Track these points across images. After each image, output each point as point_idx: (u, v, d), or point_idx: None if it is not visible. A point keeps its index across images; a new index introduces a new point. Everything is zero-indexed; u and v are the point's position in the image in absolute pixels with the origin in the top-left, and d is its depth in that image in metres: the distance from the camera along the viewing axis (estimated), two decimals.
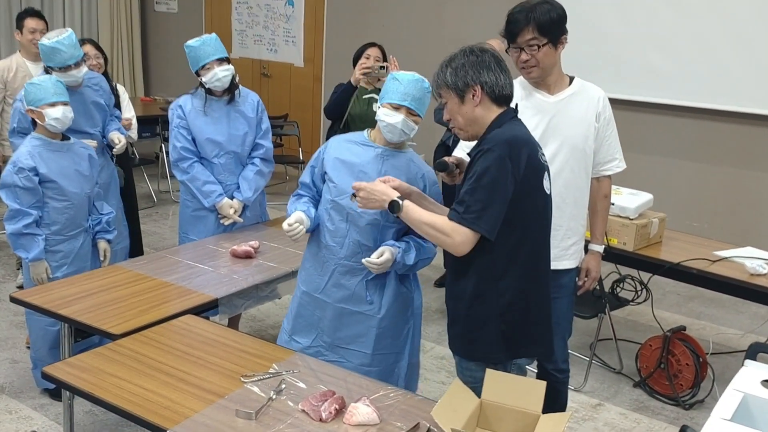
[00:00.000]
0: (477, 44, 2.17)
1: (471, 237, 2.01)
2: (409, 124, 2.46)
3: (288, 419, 2.00)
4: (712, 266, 3.47)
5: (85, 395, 2.12)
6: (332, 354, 2.58)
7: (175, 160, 3.49)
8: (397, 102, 2.43)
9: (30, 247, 3.07)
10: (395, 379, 2.59)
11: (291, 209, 2.58)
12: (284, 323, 2.73)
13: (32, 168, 3.04)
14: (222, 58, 3.38)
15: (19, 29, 4.41)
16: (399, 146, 2.55)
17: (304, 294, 2.64)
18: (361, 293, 2.53)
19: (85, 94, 3.66)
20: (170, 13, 8.43)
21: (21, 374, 3.49)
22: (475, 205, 1.99)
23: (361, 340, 2.56)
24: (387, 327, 2.56)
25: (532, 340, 2.16)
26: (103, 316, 2.59)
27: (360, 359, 2.56)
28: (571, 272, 2.78)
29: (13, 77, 4.38)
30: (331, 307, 2.57)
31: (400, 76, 2.46)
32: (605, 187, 2.83)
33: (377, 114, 2.49)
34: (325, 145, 2.63)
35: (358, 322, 2.55)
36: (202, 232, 3.52)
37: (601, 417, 3.42)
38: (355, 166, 2.51)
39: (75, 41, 3.42)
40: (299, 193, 2.66)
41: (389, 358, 2.59)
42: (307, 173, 2.65)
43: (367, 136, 2.58)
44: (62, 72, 3.40)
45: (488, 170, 1.99)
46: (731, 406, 1.85)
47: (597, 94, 2.70)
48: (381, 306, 2.55)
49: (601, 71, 5.21)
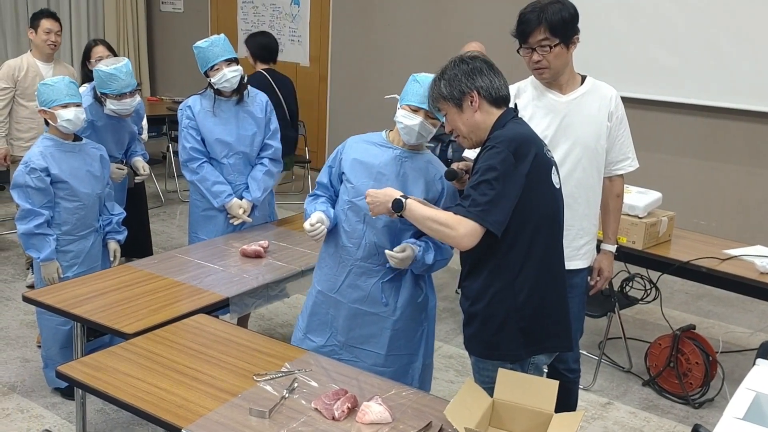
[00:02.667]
0: (466, 53, 2.19)
1: (476, 230, 2.00)
2: (427, 127, 2.45)
3: (301, 418, 2.01)
4: (722, 265, 3.47)
5: (100, 394, 2.13)
6: (346, 353, 2.59)
7: (184, 160, 3.50)
8: (417, 104, 2.43)
9: (41, 247, 3.09)
10: (409, 380, 2.59)
11: (310, 209, 2.57)
12: (299, 321, 2.74)
13: (44, 168, 3.06)
14: (231, 58, 3.40)
15: (33, 29, 4.42)
16: (417, 148, 2.55)
17: (319, 293, 2.64)
18: (376, 295, 2.54)
19: (127, 122, 3.73)
20: (176, 12, 8.45)
21: (32, 373, 3.51)
22: (480, 198, 2.00)
23: (374, 341, 2.56)
24: (401, 329, 2.57)
25: (553, 333, 2.17)
26: (116, 315, 2.61)
27: (373, 359, 2.57)
28: (582, 272, 2.78)
29: (24, 77, 4.40)
30: (346, 307, 2.57)
31: (421, 78, 2.44)
32: (617, 186, 2.82)
33: (396, 115, 2.49)
34: (343, 144, 2.62)
35: (373, 323, 2.56)
36: (212, 232, 3.53)
37: (610, 416, 3.43)
38: (373, 167, 2.51)
39: (131, 69, 3.45)
40: (316, 194, 2.65)
41: (403, 359, 2.60)
42: (324, 173, 2.64)
43: (385, 136, 2.58)
44: (117, 99, 3.42)
45: (492, 165, 2.00)
46: (743, 405, 1.85)
47: (609, 93, 2.69)
48: (396, 308, 2.55)
49: (609, 69, 5.21)
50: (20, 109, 4.46)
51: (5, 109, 4.41)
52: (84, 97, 3.38)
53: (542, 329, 2.14)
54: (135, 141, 3.90)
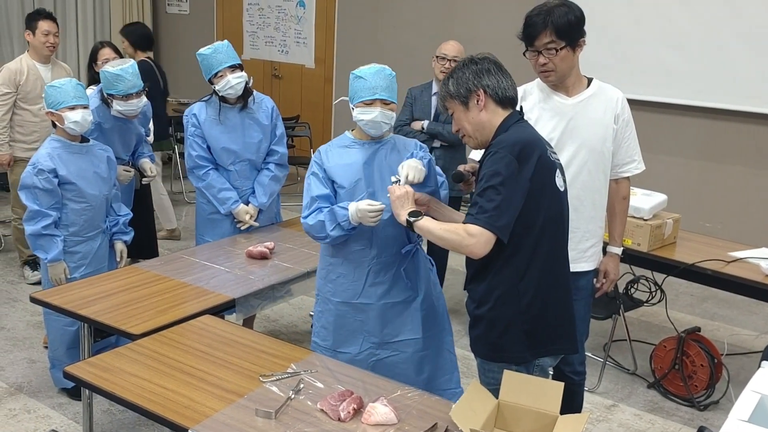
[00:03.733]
0: (477, 54, 2.21)
1: (487, 237, 2.01)
2: (386, 114, 2.51)
3: (307, 419, 2.02)
4: (727, 267, 3.47)
5: (107, 394, 2.15)
6: (383, 351, 2.61)
7: (190, 167, 3.51)
8: (369, 98, 2.48)
9: (49, 248, 3.10)
10: (446, 355, 2.67)
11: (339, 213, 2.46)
12: (317, 342, 2.67)
13: (52, 170, 3.08)
14: (234, 65, 3.40)
15: (30, 30, 4.37)
16: (382, 136, 2.61)
17: (340, 305, 2.60)
18: (399, 282, 2.57)
19: (134, 124, 3.74)
20: (182, 14, 8.48)
21: (39, 374, 3.52)
22: (487, 205, 2.01)
23: (408, 328, 2.59)
24: (429, 306, 2.63)
25: (557, 336, 2.18)
26: (123, 316, 2.62)
27: (413, 346, 2.60)
28: (588, 274, 2.78)
29: (25, 81, 4.34)
30: (374, 307, 2.58)
31: (362, 73, 2.50)
32: (624, 188, 2.82)
33: (354, 116, 2.53)
34: (318, 154, 2.59)
35: (403, 310, 2.59)
36: (219, 235, 3.55)
37: (615, 418, 3.43)
38: (356, 166, 2.55)
39: (137, 70, 3.46)
40: (320, 207, 2.52)
41: (438, 337, 2.66)
42: (318, 185, 2.54)
43: (351, 136, 2.62)
44: (124, 100, 3.44)
45: (497, 171, 2.01)
46: (749, 407, 1.85)
47: (615, 95, 2.69)
48: (419, 288, 2.60)
49: (615, 72, 5.21)
50: (23, 113, 4.39)
51: (7, 114, 4.34)
52: (91, 100, 3.40)
53: (547, 332, 2.15)
54: (142, 143, 3.92)
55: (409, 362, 2.59)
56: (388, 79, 2.50)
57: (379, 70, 2.49)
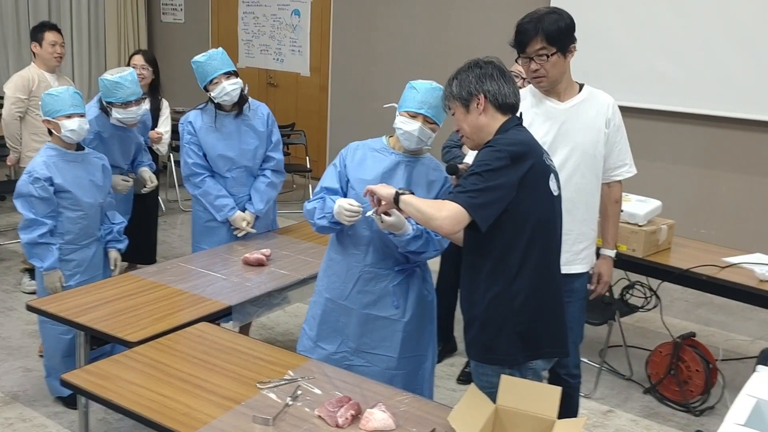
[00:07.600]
0: (482, 58, 2.22)
1: (458, 212, 2.00)
2: (425, 131, 2.50)
3: (305, 425, 2.02)
4: (722, 272, 3.48)
5: (105, 402, 2.14)
6: (358, 359, 2.61)
7: (186, 175, 3.52)
8: (414, 110, 2.47)
9: (45, 256, 3.10)
10: (420, 381, 2.62)
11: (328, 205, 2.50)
12: (305, 328, 2.74)
13: (47, 178, 3.08)
14: (230, 71, 3.41)
15: (37, 42, 4.42)
16: (417, 152, 2.59)
17: (328, 301, 2.65)
18: (386, 298, 2.56)
19: (134, 133, 3.74)
20: (177, 23, 8.50)
21: (34, 382, 3.51)
22: (468, 186, 2.03)
23: (386, 345, 2.58)
24: (412, 330, 2.60)
25: (549, 340, 2.19)
26: (119, 324, 2.62)
27: (386, 363, 2.59)
28: (582, 276, 2.79)
29: (37, 88, 4.38)
30: (357, 314, 2.59)
31: (417, 85, 2.50)
32: (616, 192, 2.85)
33: (395, 122, 2.52)
34: (346, 149, 2.64)
35: (384, 326, 2.58)
36: (215, 243, 3.55)
37: (611, 424, 3.43)
38: (376, 173, 2.54)
39: (136, 78, 3.48)
40: (323, 196, 2.58)
41: (414, 361, 2.63)
42: (332, 177, 2.59)
43: (385, 142, 2.62)
44: (123, 108, 3.45)
45: (485, 161, 2.05)
46: (744, 411, 1.86)
47: (606, 100, 2.73)
48: (406, 310, 2.58)
49: (608, 78, 5.23)
50: (36, 120, 4.35)
51: (20, 122, 4.37)
52: (90, 109, 3.41)
53: (539, 334, 2.16)
54: (141, 151, 3.92)
55: (380, 377, 2.55)
56: (438, 100, 2.46)
57: (434, 88, 2.48)
